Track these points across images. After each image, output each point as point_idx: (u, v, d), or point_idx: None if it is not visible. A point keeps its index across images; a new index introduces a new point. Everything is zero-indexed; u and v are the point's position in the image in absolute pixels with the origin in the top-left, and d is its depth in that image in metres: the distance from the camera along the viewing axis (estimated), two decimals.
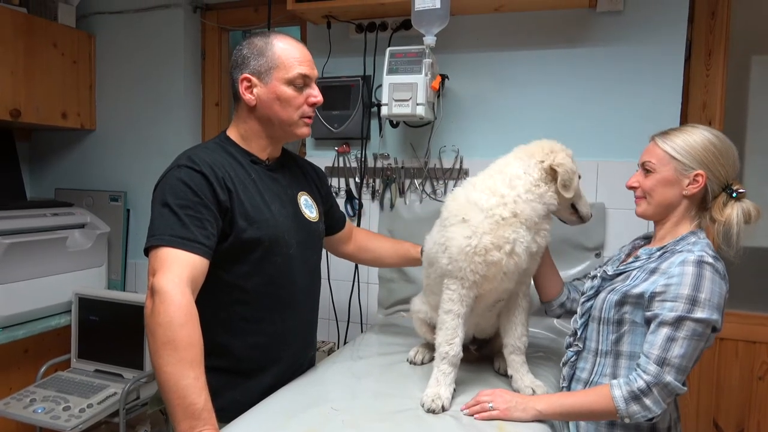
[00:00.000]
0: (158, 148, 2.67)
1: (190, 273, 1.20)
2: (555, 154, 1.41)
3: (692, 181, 1.30)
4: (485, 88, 2.15)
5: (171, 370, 1.10)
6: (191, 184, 1.28)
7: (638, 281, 1.30)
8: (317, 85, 1.46)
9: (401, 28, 2.20)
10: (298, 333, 1.51)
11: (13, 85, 2.40)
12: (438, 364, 1.39)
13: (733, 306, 2.04)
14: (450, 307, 1.40)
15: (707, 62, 1.98)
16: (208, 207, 1.28)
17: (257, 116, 1.43)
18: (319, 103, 1.44)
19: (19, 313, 2.25)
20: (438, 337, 1.42)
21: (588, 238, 1.98)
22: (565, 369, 1.45)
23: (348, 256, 1.88)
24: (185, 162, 1.32)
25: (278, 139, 1.48)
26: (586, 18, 2.00)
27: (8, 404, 1.98)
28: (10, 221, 2.25)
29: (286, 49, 1.40)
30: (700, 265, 1.22)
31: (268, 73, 1.39)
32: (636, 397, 1.19)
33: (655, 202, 1.35)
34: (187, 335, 1.13)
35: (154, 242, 1.23)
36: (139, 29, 2.68)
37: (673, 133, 1.34)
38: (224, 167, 1.35)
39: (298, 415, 1.26)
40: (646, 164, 1.35)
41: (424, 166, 2.22)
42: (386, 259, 1.88)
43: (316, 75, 1.45)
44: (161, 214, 1.26)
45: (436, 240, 1.48)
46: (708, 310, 1.19)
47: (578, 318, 1.44)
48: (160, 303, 1.14)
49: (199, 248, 1.23)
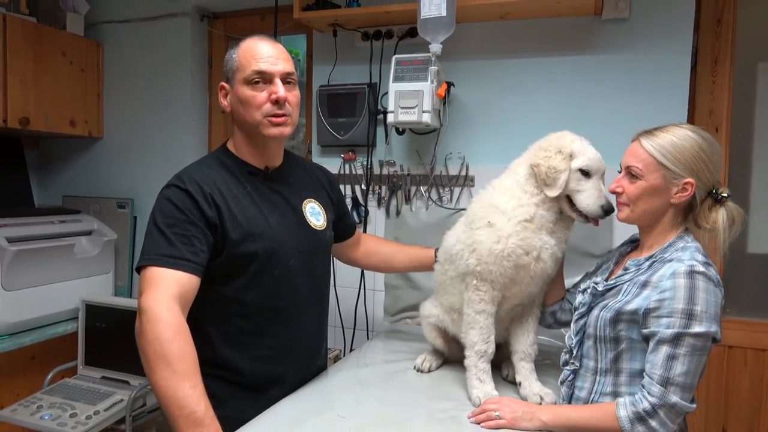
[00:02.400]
0: (165, 156, 2.68)
1: (177, 290, 1.21)
2: (542, 151, 1.41)
3: (681, 189, 1.24)
4: (491, 95, 2.15)
5: (166, 383, 1.11)
6: (177, 203, 1.29)
7: (630, 296, 1.25)
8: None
9: (407, 36, 2.20)
10: (304, 343, 1.50)
11: (23, 93, 2.42)
12: (476, 363, 1.42)
13: (742, 314, 2.03)
14: (483, 307, 1.43)
15: (713, 69, 1.98)
16: (194, 224, 1.28)
17: (236, 123, 1.43)
18: (281, 100, 1.34)
19: (27, 319, 2.26)
20: (472, 337, 1.44)
21: (594, 245, 1.97)
22: (563, 389, 1.41)
23: (355, 261, 1.86)
24: (174, 182, 1.34)
25: (259, 144, 1.42)
26: (592, 25, 2.00)
27: (15, 411, 1.98)
28: (18, 228, 2.26)
29: (247, 49, 1.36)
30: (692, 276, 1.17)
31: (233, 77, 1.38)
32: (641, 418, 1.16)
33: (639, 210, 1.29)
34: (178, 348, 1.14)
35: (142, 263, 1.25)
36: (147, 38, 2.70)
37: (659, 134, 1.26)
38: (214, 183, 1.35)
39: (304, 422, 1.26)
40: (632, 169, 1.27)
41: (430, 173, 2.23)
42: (396, 263, 1.85)
43: (282, 71, 1.36)
44: (150, 234, 1.28)
45: (462, 239, 1.47)
46: (706, 323, 1.15)
47: (572, 335, 1.40)
48: (147, 321, 1.16)
49: (186, 265, 1.24)
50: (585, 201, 1.39)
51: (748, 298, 2.04)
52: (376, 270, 2.01)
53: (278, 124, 1.37)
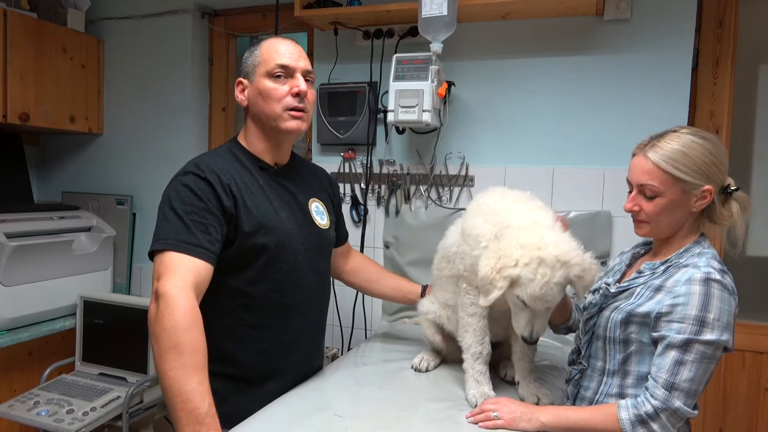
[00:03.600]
0: (165, 153, 2.68)
1: (194, 278, 1.20)
2: (511, 246, 1.26)
3: (700, 197, 1.22)
4: (492, 95, 2.15)
5: (175, 374, 1.10)
6: (196, 190, 1.28)
7: (643, 299, 1.24)
8: (310, 81, 1.43)
9: (408, 35, 2.20)
10: (305, 340, 1.50)
11: (23, 88, 2.42)
12: (472, 365, 1.42)
13: (741, 316, 1.98)
14: (474, 310, 1.43)
15: (714, 71, 1.98)
16: (212, 213, 1.28)
17: (252, 117, 1.45)
18: (303, 93, 1.39)
19: (24, 315, 2.25)
20: (466, 340, 1.44)
21: (594, 246, 1.95)
22: (569, 387, 1.41)
23: (340, 274, 1.81)
24: (192, 169, 1.33)
25: (272, 138, 1.44)
26: (593, 26, 2.00)
27: (12, 406, 1.97)
28: (17, 224, 2.26)
29: (271, 45, 1.41)
30: (707, 283, 1.15)
31: (254, 72, 1.41)
32: (643, 421, 1.16)
33: (662, 225, 1.26)
34: (192, 340, 1.13)
35: (159, 246, 1.23)
36: (148, 35, 2.70)
37: (664, 145, 1.22)
38: (230, 174, 1.36)
39: (302, 421, 1.26)
40: (649, 188, 1.23)
41: (430, 172, 2.22)
42: (380, 287, 1.82)
43: (304, 68, 1.41)
44: (167, 219, 1.27)
45: (466, 251, 1.43)
46: (718, 331, 1.14)
47: (581, 335, 1.40)
48: (165, 307, 1.14)
49: (203, 253, 1.24)
50: (515, 322, 1.33)
51: (748, 301, 2.02)
52: (357, 288, 1.91)
53: (297, 117, 1.40)
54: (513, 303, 1.30)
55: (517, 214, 1.35)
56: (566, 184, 2.06)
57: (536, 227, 1.29)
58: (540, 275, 1.21)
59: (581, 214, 2.00)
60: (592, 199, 2.01)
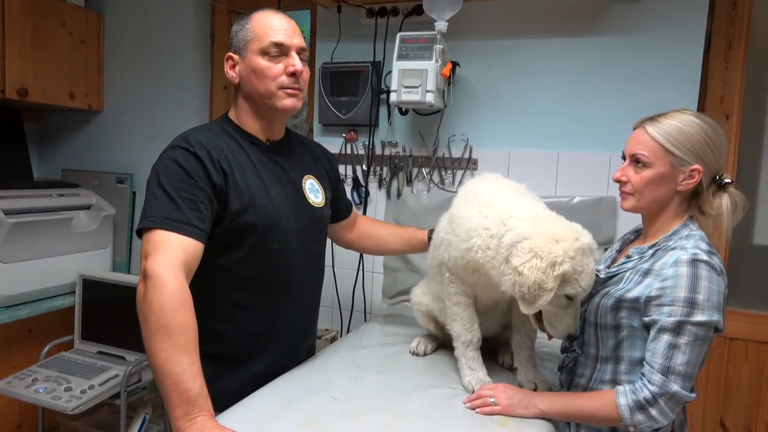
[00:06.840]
0: (165, 131, 2.62)
1: (183, 256, 1.17)
2: (530, 255, 1.19)
3: (687, 176, 1.22)
4: (497, 76, 2.10)
5: (165, 355, 1.08)
6: (185, 166, 1.25)
7: (632, 284, 1.24)
8: (302, 58, 1.38)
9: (412, 14, 2.15)
10: (295, 322, 1.48)
11: (21, 63, 2.38)
12: (464, 353, 1.42)
13: (744, 306, 2.00)
14: (458, 299, 1.43)
15: (726, 55, 1.93)
16: (202, 189, 1.25)
17: (243, 94, 1.40)
18: (298, 73, 1.34)
19: (23, 292, 2.25)
20: (455, 329, 1.44)
21: (598, 232, 1.92)
22: (563, 374, 1.41)
23: (350, 243, 1.83)
24: (180, 143, 1.30)
25: (265, 116, 1.41)
26: (603, 6, 1.95)
27: (10, 383, 1.98)
28: (16, 201, 2.25)
29: (263, 20, 1.35)
30: (694, 264, 1.15)
31: (245, 47, 1.36)
32: (641, 407, 1.15)
33: (646, 199, 1.26)
34: (181, 320, 1.10)
35: (147, 224, 1.20)
36: (149, 10, 2.65)
37: (664, 121, 1.24)
38: (221, 148, 1.32)
39: (297, 403, 1.25)
40: (639, 157, 1.24)
41: (433, 154, 2.19)
42: (390, 244, 1.83)
43: (299, 45, 1.36)
44: (155, 196, 1.23)
45: (452, 241, 1.41)
46: (708, 312, 1.13)
47: None
48: (153, 288, 1.11)
49: (192, 231, 1.20)
50: (557, 323, 1.27)
51: (752, 290, 2.02)
52: (370, 253, 1.97)
53: (292, 95, 1.37)
54: (555, 304, 1.23)
55: (521, 207, 1.29)
56: (571, 169, 2.02)
57: (557, 218, 1.26)
58: (587, 264, 1.20)
59: (586, 199, 1.97)
60: (597, 185, 1.98)
